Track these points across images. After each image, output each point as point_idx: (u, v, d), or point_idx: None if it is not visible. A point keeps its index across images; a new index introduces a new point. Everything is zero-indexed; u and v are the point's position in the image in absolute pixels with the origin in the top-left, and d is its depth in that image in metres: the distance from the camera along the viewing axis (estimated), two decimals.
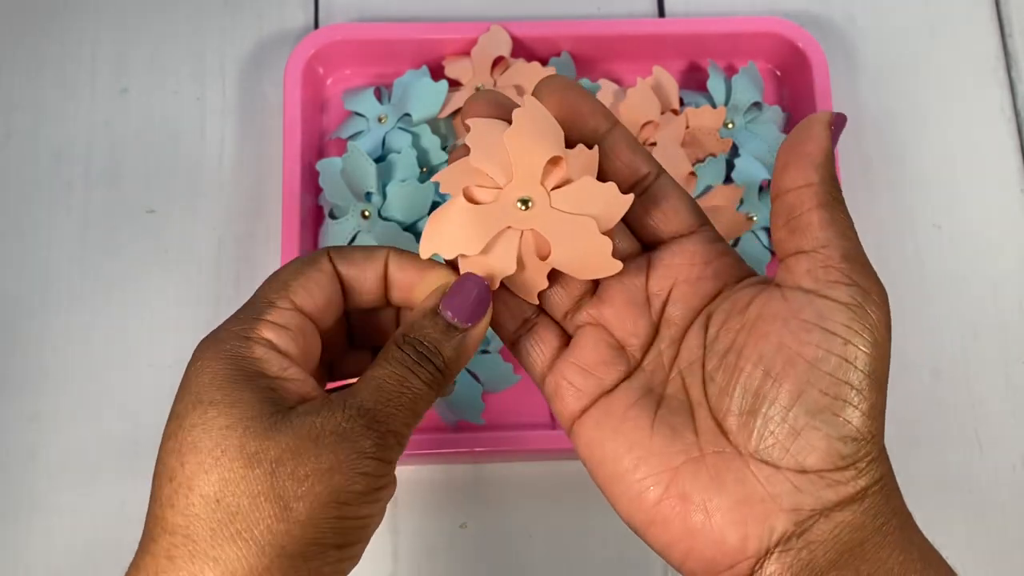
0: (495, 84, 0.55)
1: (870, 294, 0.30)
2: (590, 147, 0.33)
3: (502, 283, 0.34)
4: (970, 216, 0.59)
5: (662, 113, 0.55)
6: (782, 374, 0.30)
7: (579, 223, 0.32)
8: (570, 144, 0.33)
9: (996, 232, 0.59)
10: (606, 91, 0.55)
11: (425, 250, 0.33)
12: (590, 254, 0.33)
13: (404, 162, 0.53)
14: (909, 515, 0.31)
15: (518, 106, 0.33)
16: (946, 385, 0.56)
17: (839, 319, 0.30)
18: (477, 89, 0.55)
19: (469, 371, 0.51)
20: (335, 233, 0.53)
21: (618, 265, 0.32)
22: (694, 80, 0.60)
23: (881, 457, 0.30)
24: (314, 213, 0.55)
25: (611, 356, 0.33)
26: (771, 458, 0.30)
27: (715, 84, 0.57)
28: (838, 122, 0.32)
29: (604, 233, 0.32)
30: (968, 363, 0.56)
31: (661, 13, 0.62)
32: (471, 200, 0.33)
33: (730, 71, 0.60)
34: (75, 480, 0.53)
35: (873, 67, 0.61)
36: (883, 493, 0.30)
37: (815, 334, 0.30)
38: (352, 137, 0.56)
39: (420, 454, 0.52)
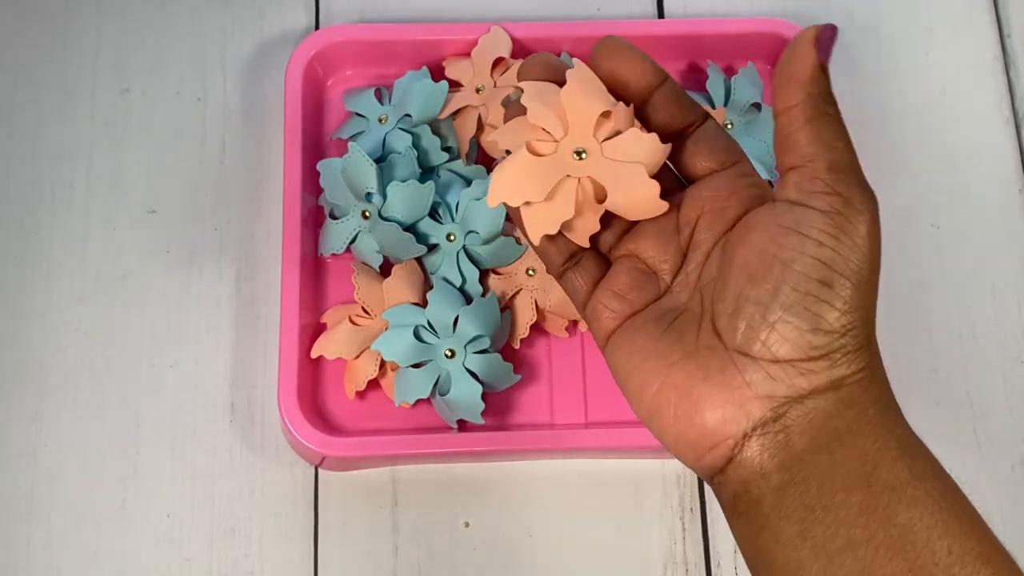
0: (495, 85, 0.55)
1: (851, 201, 0.33)
2: (645, 100, 0.37)
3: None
4: (968, 216, 0.59)
5: None
6: (762, 276, 0.33)
7: (630, 169, 0.36)
8: (625, 100, 0.37)
9: (994, 232, 0.59)
10: (580, 67, 0.55)
11: (493, 199, 0.37)
12: (641, 197, 0.36)
13: (404, 162, 0.53)
14: (892, 406, 0.33)
15: (567, 67, 0.36)
16: (944, 385, 0.56)
17: (815, 224, 0.32)
18: (477, 90, 0.55)
19: (469, 371, 0.51)
20: (336, 233, 0.53)
21: (665, 205, 0.36)
22: (693, 81, 0.60)
23: (862, 351, 0.33)
24: (315, 213, 0.55)
25: (642, 281, 0.37)
26: (749, 350, 0.33)
27: (714, 85, 0.58)
28: (825, 35, 0.34)
29: (650, 177, 0.36)
30: (966, 363, 0.57)
31: (660, 14, 0.62)
32: (533, 153, 0.37)
33: (729, 72, 0.60)
34: (75, 480, 0.53)
35: (872, 67, 0.62)
36: (862, 384, 0.33)
37: (792, 238, 0.33)
38: (353, 137, 0.56)
39: (420, 454, 0.52)
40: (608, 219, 0.38)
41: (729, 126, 0.57)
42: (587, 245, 0.38)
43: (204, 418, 0.54)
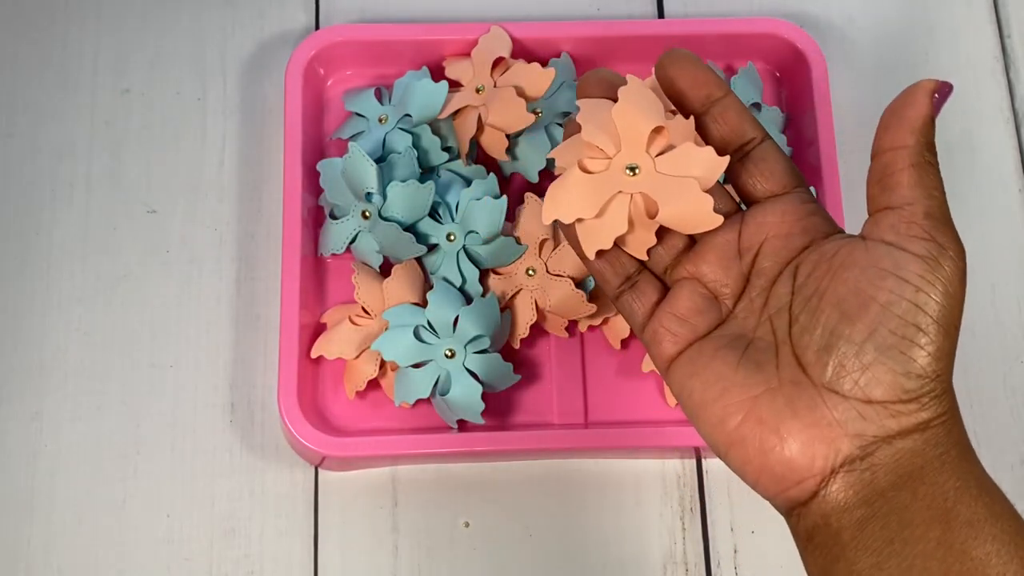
0: (495, 85, 0.55)
1: (946, 249, 0.34)
2: (704, 112, 0.38)
3: (614, 242, 0.38)
4: (968, 216, 0.59)
5: None
6: (857, 315, 0.33)
7: (682, 184, 0.36)
8: (686, 111, 0.38)
9: (994, 232, 0.59)
10: (636, 80, 0.55)
11: (548, 216, 0.38)
12: (693, 211, 0.37)
13: (404, 162, 0.53)
14: (970, 448, 0.34)
15: (623, 83, 0.37)
16: None
17: (913, 269, 0.33)
18: (477, 90, 0.55)
19: (469, 371, 0.51)
20: (336, 233, 0.53)
21: (719, 219, 0.37)
22: None
23: (946, 395, 0.34)
24: (315, 213, 0.55)
25: (705, 305, 0.37)
26: (841, 389, 0.33)
27: None
28: (943, 91, 0.36)
29: (705, 191, 0.36)
30: (967, 363, 0.56)
31: (661, 14, 0.62)
32: (585, 171, 0.37)
33: (729, 72, 0.60)
34: (75, 480, 0.53)
35: (872, 68, 0.62)
36: (945, 427, 0.33)
37: (889, 280, 0.33)
38: (353, 137, 0.56)
39: (420, 454, 0.52)
40: (663, 236, 0.38)
41: None
42: (645, 258, 0.38)
43: (204, 418, 0.54)
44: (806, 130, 0.57)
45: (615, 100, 0.37)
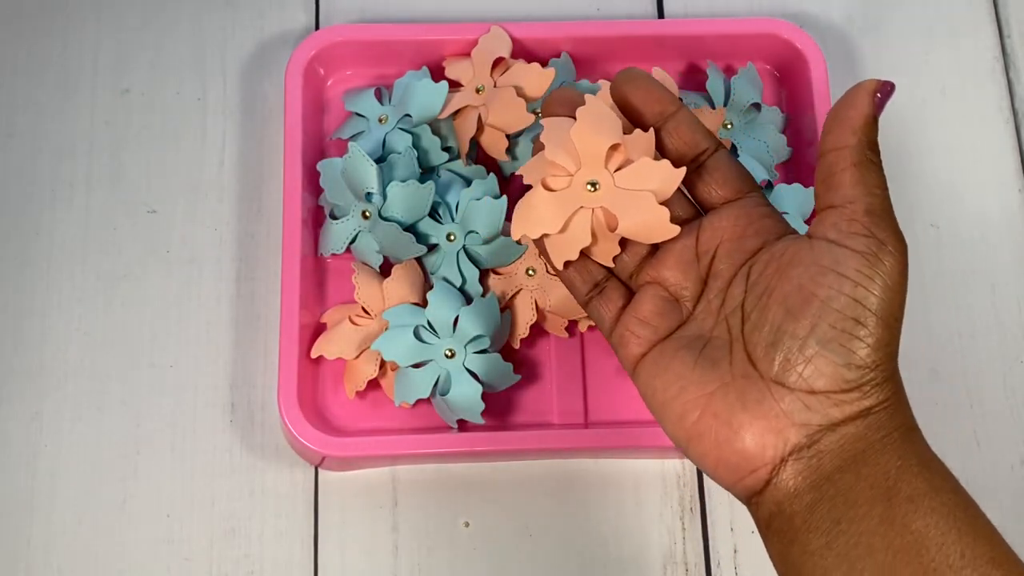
0: (495, 85, 0.55)
1: (885, 244, 0.35)
2: (659, 127, 0.40)
3: (581, 252, 0.40)
4: (968, 216, 0.59)
5: None
6: (800, 311, 0.35)
7: (639, 197, 0.39)
8: (642, 126, 0.40)
9: (994, 232, 0.59)
10: (606, 91, 0.55)
11: (516, 233, 0.41)
12: (651, 222, 0.39)
13: (404, 162, 0.53)
14: (914, 428, 0.36)
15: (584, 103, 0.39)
16: (944, 385, 0.56)
17: (852, 265, 0.35)
18: (477, 90, 0.55)
19: (469, 371, 0.51)
20: (336, 233, 0.53)
21: (676, 229, 0.39)
22: (693, 81, 0.60)
23: (888, 382, 0.35)
24: (315, 213, 0.56)
25: (666, 308, 0.39)
26: (787, 381, 0.35)
27: (714, 85, 0.58)
28: (884, 90, 0.37)
29: (662, 203, 0.39)
30: (966, 363, 0.57)
31: (660, 14, 0.62)
32: (548, 188, 0.40)
33: (729, 72, 0.60)
34: (75, 480, 0.53)
35: (872, 68, 0.62)
36: (888, 411, 0.35)
37: (830, 277, 0.35)
38: (353, 138, 0.56)
39: (420, 454, 0.52)
40: (627, 244, 0.41)
41: (729, 126, 0.57)
42: (611, 265, 0.41)
43: (204, 418, 0.54)
44: (806, 130, 0.57)
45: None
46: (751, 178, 0.40)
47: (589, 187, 0.40)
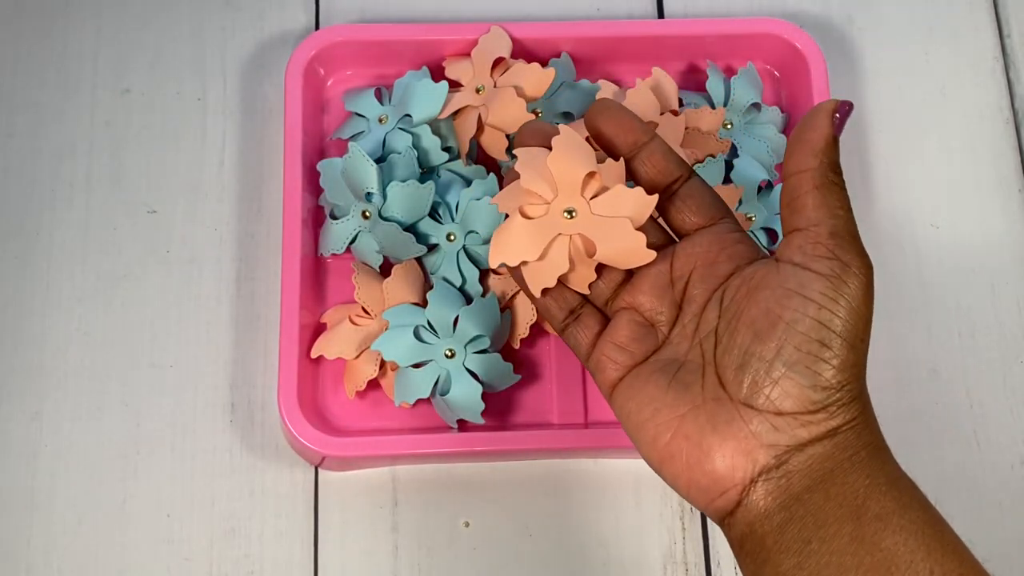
0: (495, 85, 0.55)
1: (850, 267, 0.35)
2: (632, 157, 0.40)
3: (558, 279, 0.41)
4: (968, 216, 0.59)
5: (661, 114, 0.55)
6: (767, 334, 0.35)
7: (616, 223, 0.40)
8: (615, 156, 0.41)
9: (994, 232, 0.59)
10: (606, 92, 0.55)
11: (494, 261, 0.41)
12: (627, 248, 0.40)
13: (404, 162, 0.53)
14: (882, 447, 0.36)
15: (558, 133, 0.40)
16: (944, 385, 0.56)
17: (816, 287, 0.35)
18: (477, 90, 0.55)
19: (469, 371, 0.51)
20: (336, 233, 0.53)
21: (652, 254, 0.40)
22: (693, 81, 0.60)
23: (855, 402, 0.36)
24: (315, 213, 0.56)
25: (642, 333, 0.40)
26: (755, 403, 0.35)
27: (714, 85, 0.58)
28: (842, 110, 0.37)
29: (638, 229, 0.39)
30: (966, 363, 0.57)
31: (660, 14, 0.62)
32: (525, 216, 0.41)
33: (729, 72, 0.60)
34: (75, 480, 0.53)
35: (872, 67, 0.62)
36: (855, 431, 0.35)
37: (795, 300, 0.35)
38: (353, 138, 0.56)
39: (420, 454, 0.52)
40: (602, 271, 0.41)
41: (729, 126, 0.57)
42: (587, 291, 0.41)
43: (204, 418, 0.54)
44: None
45: (550, 149, 0.40)
46: (724, 204, 0.41)
47: (566, 214, 0.40)
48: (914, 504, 0.35)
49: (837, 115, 0.37)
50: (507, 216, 0.41)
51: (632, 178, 0.41)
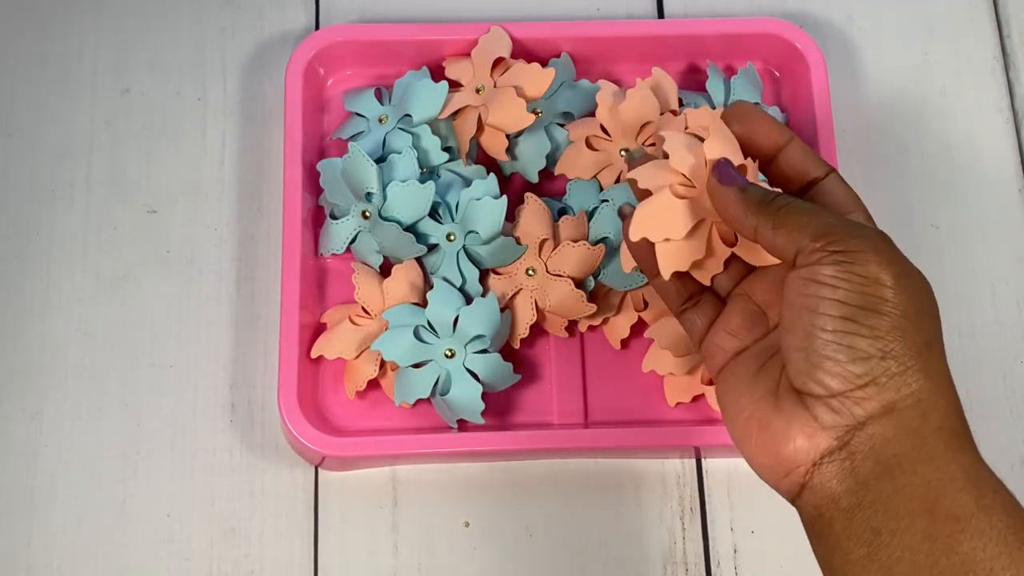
0: (495, 85, 0.55)
1: (849, 248, 0.36)
2: (772, 157, 0.41)
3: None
4: (968, 216, 0.59)
5: (661, 114, 0.55)
6: (793, 326, 0.37)
7: None
8: (752, 157, 0.41)
9: (994, 232, 0.59)
10: (605, 91, 0.55)
11: (636, 233, 0.40)
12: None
13: (404, 162, 0.53)
14: (958, 433, 0.36)
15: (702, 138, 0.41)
16: None
17: (826, 272, 0.36)
18: (477, 90, 0.55)
19: (469, 371, 0.51)
20: (336, 233, 0.53)
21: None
22: (693, 81, 0.60)
23: (910, 373, 0.35)
24: (315, 213, 0.56)
25: (752, 321, 0.41)
26: (809, 390, 0.36)
27: (714, 85, 0.58)
28: (722, 171, 0.39)
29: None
30: (966, 363, 0.57)
31: (660, 14, 0.62)
32: (676, 195, 0.40)
33: (729, 72, 0.60)
34: (75, 480, 0.53)
35: (872, 67, 0.62)
36: (918, 409, 0.35)
37: (810, 287, 0.36)
38: (353, 138, 0.56)
39: (420, 454, 0.52)
40: (729, 264, 0.42)
41: None
42: (709, 284, 0.42)
43: (204, 418, 0.54)
44: (806, 130, 0.57)
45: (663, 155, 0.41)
46: (858, 201, 0.41)
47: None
48: (996, 507, 0.34)
49: (718, 176, 0.39)
50: (647, 193, 0.41)
51: (772, 179, 0.42)
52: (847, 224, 0.37)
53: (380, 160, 0.53)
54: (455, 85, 0.56)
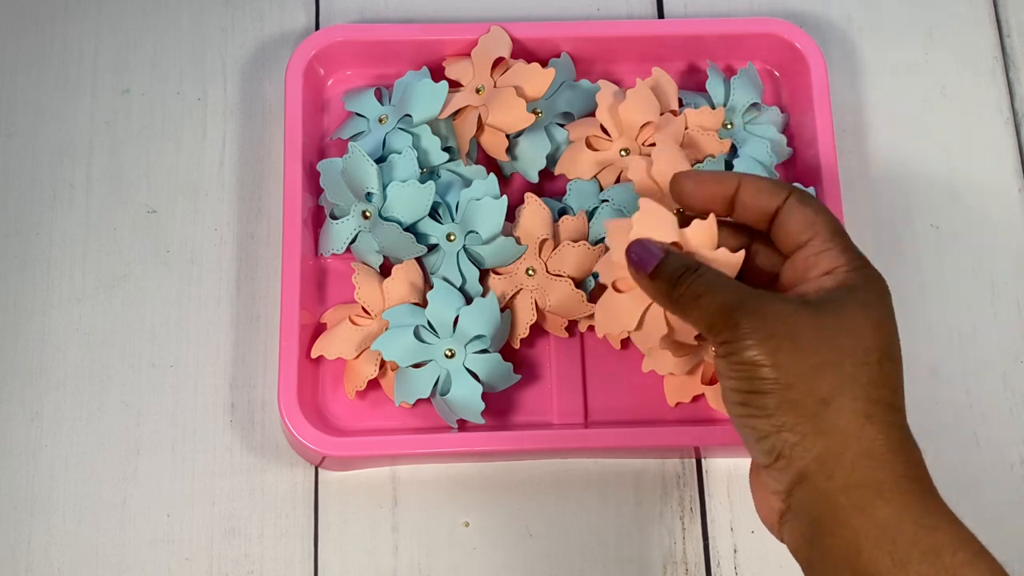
0: (495, 85, 0.55)
1: (727, 339, 0.39)
2: (730, 204, 0.43)
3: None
4: (968, 216, 0.59)
5: (661, 114, 0.55)
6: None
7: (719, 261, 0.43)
8: (703, 216, 0.43)
9: (994, 232, 0.59)
10: (605, 91, 0.55)
11: (600, 332, 0.48)
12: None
13: (404, 162, 0.53)
14: (874, 484, 0.36)
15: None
16: (944, 385, 0.56)
17: (720, 363, 0.39)
18: (477, 90, 0.55)
19: (469, 371, 0.51)
20: (336, 233, 0.53)
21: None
22: (693, 81, 0.60)
23: (808, 438, 0.37)
24: (315, 213, 0.56)
25: None
26: (757, 460, 0.40)
27: (714, 85, 0.58)
28: (635, 255, 0.42)
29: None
30: (966, 363, 0.57)
31: (661, 14, 0.62)
32: (616, 289, 0.45)
33: (729, 72, 0.60)
34: (75, 480, 0.53)
35: (872, 67, 0.62)
36: (824, 472, 0.37)
37: (719, 377, 0.40)
38: (353, 138, 0.56)
39: (420, 454, 0.52)
40: None
41: (729, 126, 0.57)
42: (694, 343, 0.45)
43: (204, 418, 0.54)
44: (806, 130, 0.57)
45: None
46: (815, 219, 0.41)
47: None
48: (912, 560, 0.35)
49: (636, 262, 0.42)
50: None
51: (736, 226, 0.44)
52: (731, 307, 0.39)
53: (380, 160, 0.53)
54: (455, 85, 0.56)
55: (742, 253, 0.42)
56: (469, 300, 0.52)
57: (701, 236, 0.42)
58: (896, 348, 0.40)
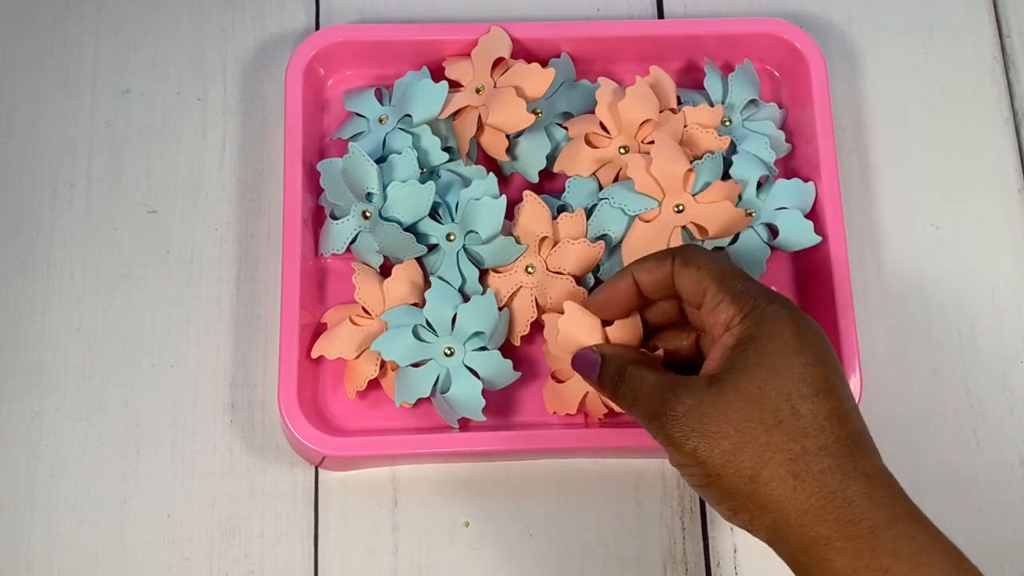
0: (495, 85, 0.55)
1: (664, 445, 0.42)
2: (647, 296, 0.46)
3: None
4: (968, 216, 0.59)
5: (660, 111, 0.55)
6: None
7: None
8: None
9: (994, 232, 0.59)
10: (605, 88, 0.55)
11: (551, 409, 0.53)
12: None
13: (404, 163, 0.53)
14: (813, 545, 0.38)
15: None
16: (944, 385, 0.56)
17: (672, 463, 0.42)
18: (477, 90, 0.55)
19: (469, 368, 0.51)
20: (336, 233, 0.53)
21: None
22: (692, 80, 0.60)
23: (756, 518, 0.40)
24: (315, 213, 0.56)
25: None
26: None
27: (712, 82, 0.58)
28: (580, 365, 0.47)
29: None
30: (966, 363, 0.57)
31: (660, 14, 0.62)
32: (556, 380, 0.52)
33: (728, 71, 0.60)
34: (75, 480, 0.53)
35: (872, 68, 0.62)
36: (779, 541, 0.39)
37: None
38: (353, 138, 0.56)
39: (420, 454, 0.52)
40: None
41: (727, 123, 0.57)
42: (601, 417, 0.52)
43: (204, 418, 0.54)
44: (805, 129, 0.57)
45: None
46: (701, 276, 0.43)
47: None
48: None
49: (576, 370, 0.47)
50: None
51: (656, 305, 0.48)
52: (654, 414, 0.41)
53: (380, 160, 0.53)
54: (455, 85, 0.56)
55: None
56: (468, 299, 0.52)
57: (623, 333, 0.48)
58: (814, 373, 0.40)
